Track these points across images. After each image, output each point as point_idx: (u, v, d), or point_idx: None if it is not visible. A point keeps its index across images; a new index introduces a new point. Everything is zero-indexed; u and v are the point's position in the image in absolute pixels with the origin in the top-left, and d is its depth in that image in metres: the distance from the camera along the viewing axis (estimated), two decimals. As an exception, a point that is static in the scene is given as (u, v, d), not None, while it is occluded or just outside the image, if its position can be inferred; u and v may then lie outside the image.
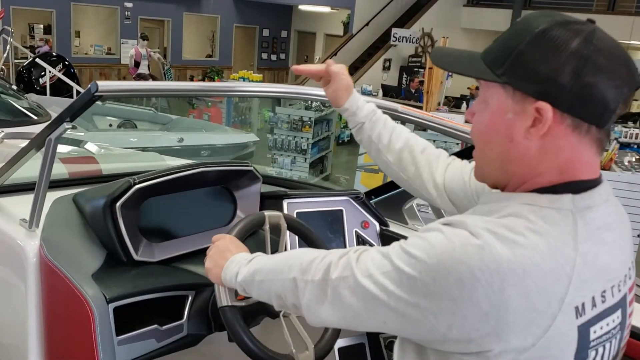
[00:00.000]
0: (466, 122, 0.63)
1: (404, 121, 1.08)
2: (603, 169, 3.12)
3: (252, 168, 1.14)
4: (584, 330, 0.53)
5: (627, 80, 0.53)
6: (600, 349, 0.56)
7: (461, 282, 0.50)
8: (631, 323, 0.63)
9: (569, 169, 0.55)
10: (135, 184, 0.96)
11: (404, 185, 0.88)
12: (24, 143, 1.02)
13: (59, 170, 1.44)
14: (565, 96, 0.52)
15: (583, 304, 0.53)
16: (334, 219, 1.18)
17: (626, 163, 3.38)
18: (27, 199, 0.98)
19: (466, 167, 0.81)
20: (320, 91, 1.24)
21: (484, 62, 0.57)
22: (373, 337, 1.20)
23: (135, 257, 0.96)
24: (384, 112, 0.91)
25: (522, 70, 0.54)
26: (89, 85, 0.85)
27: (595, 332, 0.55)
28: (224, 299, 0.78)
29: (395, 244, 0.56)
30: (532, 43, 0.53)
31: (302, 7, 11.02)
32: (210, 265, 0.77)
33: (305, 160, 4.74)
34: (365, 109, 0.88)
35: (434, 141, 3.87)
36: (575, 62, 0.51)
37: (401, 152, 0.86)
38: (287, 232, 0.92)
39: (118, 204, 0.94)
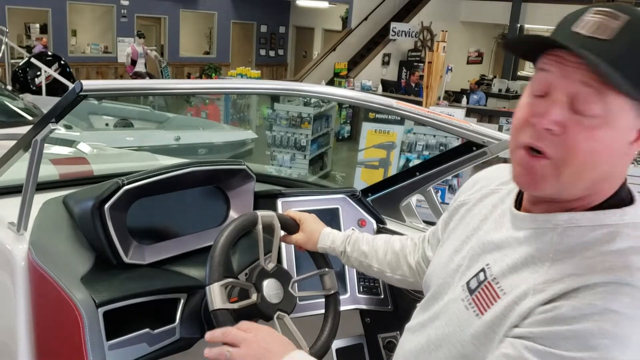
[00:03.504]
0: (549, 130, 0.50)
1: (401, 117, 1.05)
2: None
3: (244, 167, 1.12)
4: None
5: None
6: None
7: None
8: None
9: (623, 174, 0.53)
10: (124, 184, 0.94)
11: (404, 285, 0.87)
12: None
13: (50, 171, 1.42)
14: None
15: None
16: (330, 218, 1.16)
17: (628, 155, 3.33)
18: (16, 202, 0.96)
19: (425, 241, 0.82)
20: (317, 87, 1.21)
21: (623, 76, 0.48)
22: (371, 337, 1.19)
23: (125, 259, 0.94)
24: (378, 108, 0.89)
25: None
26: (73, 85, 0.83)
27: None
28: (216, 302, 0.76)
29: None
30: None
31: (300, 3, 10.96)
32: None
33: (305, 157, 4.72)
34: (339, 239, 0.90)
35: (434, 136, 3.84)
36: None
37: (388, 258, 0.87)
38: (281, 232, 0.90)
39: (107, 205, 0.92)
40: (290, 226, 0.92)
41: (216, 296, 0.76)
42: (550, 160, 0.50)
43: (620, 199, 0.52)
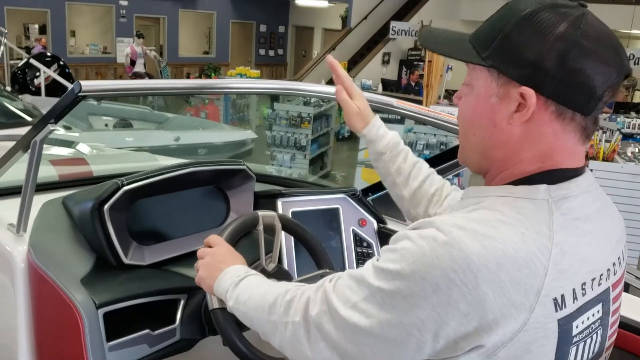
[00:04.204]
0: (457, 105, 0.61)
1: (402, 116, 1.05)
2: (606, 160, 3.08)
3: (244, 167, 1.11)
4: (565, 324, 0.51)
5: (615, 66, 0.51)
6: (582, 345, 0.55)
7: (438, 288, 0.48)
8: (617, 320, 0.61)
9: (550, 157, 0.53)
10: (123, 185, 0.93)
11: (412, 219, 0.86)
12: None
13: (49, 172, 1.42)
14: (549, 82, 0.51)
15: (562, 296, 0.51)
16: (331, 218, 1.15)
17: (629, 154, 3.34)
18: (15, 203, 0.96)
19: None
20: (317, 87, 1.21)
21: (471, 44, 0.56)
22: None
23: (125, 260, 0.94)
24: (378, 107, 0.89)
25: (507, 54, 0.52)
26: (72, 86, 0.82)
27: (577, 326, 0.53)
28: (215, 302, 0.76)
29: (367, 265, 0.55)
30: (519, 26, 0.52)
31: (299, 2, 10.95)
32: (205, 275, 0.75)
33: (305, 157, 4.71)
34: (386, 139, 0.85)
35: (435, 135, 3.84)
36: (561, 47, 0.50)
37: (416, 191, 0.84)
38: (282, 232, 0.90)
39: (106, 206, 0.92)
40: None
41: (215, 296, 0.75)
42: (459, 129, 0.60)
43: (530, 180, 0.53)
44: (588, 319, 0.54)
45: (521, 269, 0.49)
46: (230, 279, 0.70)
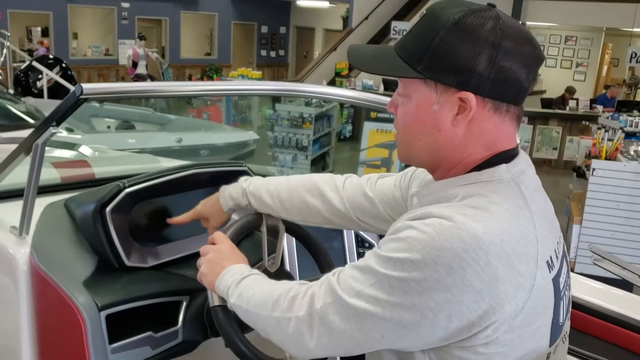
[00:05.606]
0: (391, 112, 0.65)
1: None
2: (609, 158, 3.07)
3: (246, 168, 1.12)
4: (556, 282, 0.58)
5: (533, 58, 0.57)
6: (565, 299, 0.61)
7: (451, 268, 0.50)
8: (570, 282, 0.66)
9: (494, 144, 0.59)
10: (125, 187, 0.94)
11: (322, 226, 0.86)
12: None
13: (52, 175, 1.42)
14: (484, 83, 0.55)
15: (551, 257, 0.57)
16: (332, 218, 1.15)
17: (632, 152, 3.32)
18: (18, 206, 0.96)
19: (368, 182, 0.80)
20: (318, 88, 1.21)
21: (401, 59, 0.58)
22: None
23: (127, 262, 0.94)
24: (377, 107, 0.89)
25: (442, 64, 0.56)
26: (74, 88, 0.83)
27: (561, 282, 0.59)
28: (216, 299, 0.75)
29: (369, 255, 0.57)
30: (447, 36, 0.55)
31: (300, 3, 10.96)
32: (207, 271, 0.75)
33: (307, 158, 4.72)
34: (237, 193, 0.88)
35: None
36: (489, 50, 0.55)
37: (293, 207, 0.84)
38: (285, 234, 0.90)
39: (108, 208, 0.92)
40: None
41: (216, 294, 0.75)
42: (397, 134, 0.64)
43: (488, 163, 0.58)
44: (564, 274, 0.61)
45: (519, 240, 0.54)
46: (233, 277, 0.71)
